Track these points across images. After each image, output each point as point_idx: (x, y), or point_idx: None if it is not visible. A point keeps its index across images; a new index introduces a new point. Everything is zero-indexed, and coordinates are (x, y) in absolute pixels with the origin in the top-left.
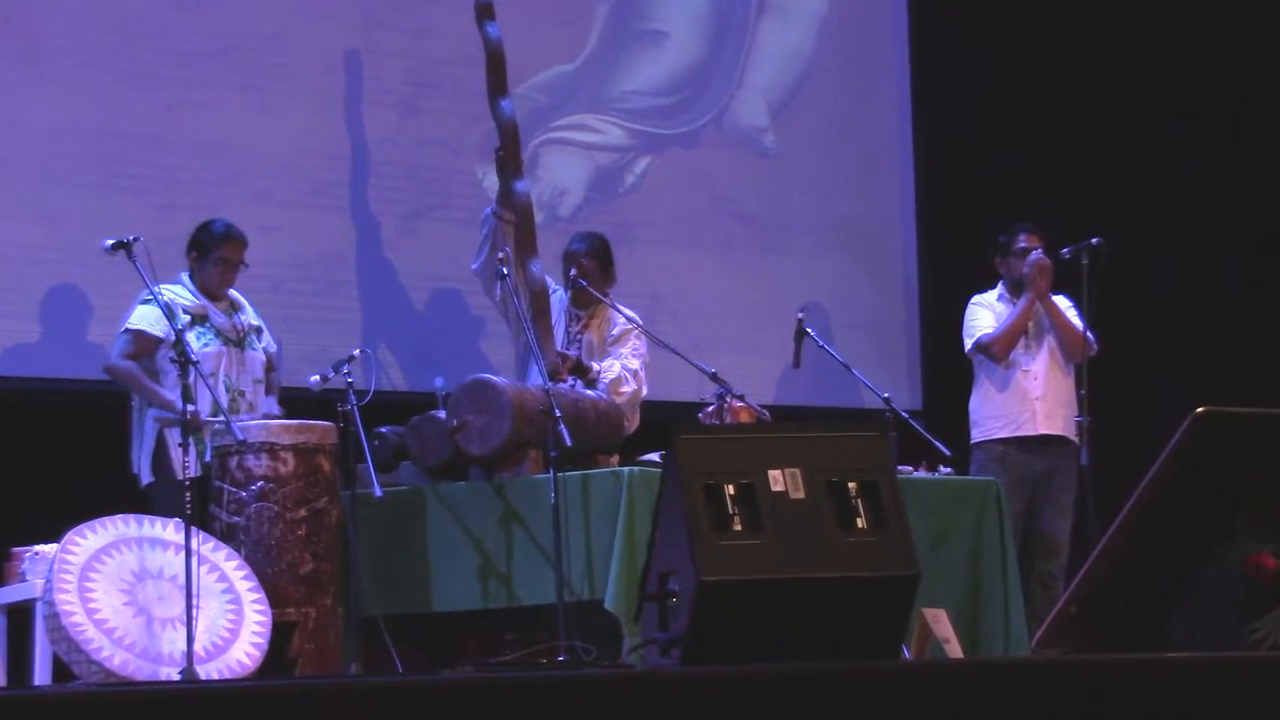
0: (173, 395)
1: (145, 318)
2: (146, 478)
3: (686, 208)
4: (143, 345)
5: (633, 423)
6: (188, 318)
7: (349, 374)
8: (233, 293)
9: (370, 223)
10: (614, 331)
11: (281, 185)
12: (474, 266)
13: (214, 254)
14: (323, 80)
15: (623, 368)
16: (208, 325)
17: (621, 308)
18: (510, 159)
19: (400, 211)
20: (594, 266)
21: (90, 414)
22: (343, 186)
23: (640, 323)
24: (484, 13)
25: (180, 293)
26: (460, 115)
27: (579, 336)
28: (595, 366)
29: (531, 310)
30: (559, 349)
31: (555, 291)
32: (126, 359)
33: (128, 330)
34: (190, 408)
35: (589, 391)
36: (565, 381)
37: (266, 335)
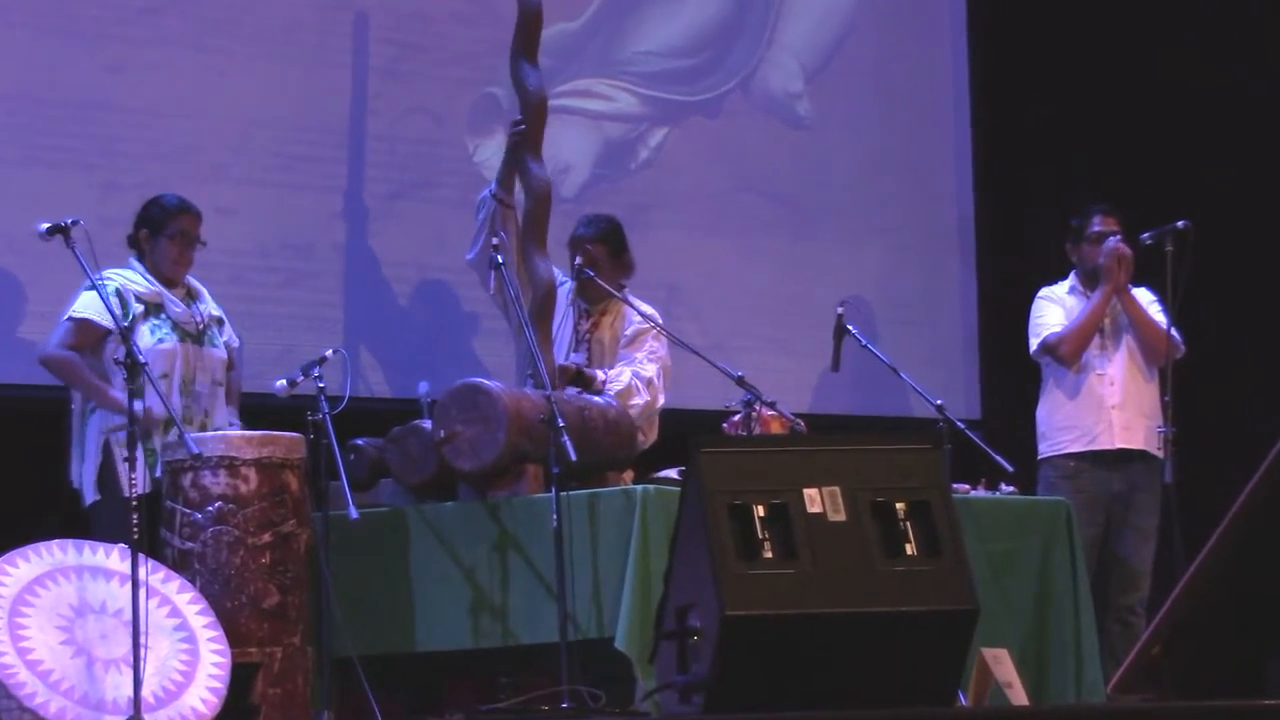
0: (121, 394)
1: (92, 305)
2: (90, 495)
3: (709, 186)
4: (87, 337)
5: (649, 436)
6: (140, 307)
7: (320, 378)
8: (190, 279)
9: (345, 204)
10: (627, 332)
11: (241, 160)
12: (469, 257)
13: (169, 228)
14: (289, 39)
15: (634, 375)
16: (163, 317)
17: (637, 303)
18: (533, 138)
19: (379, 191)
20: (603, 254)
21: (23, 422)
22: (312, 162)
23: (659, 321)
24: None
25: (133, 277)
26: (448, 81)
27: (588, 337)
28: (600, 375)
29: (534, 310)
30: (565, 353)
31: (564, 284)
32: (67, 349)
33: (71, 318)
34: (140, 404)
35: (597, 398)
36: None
37: (228, 328)
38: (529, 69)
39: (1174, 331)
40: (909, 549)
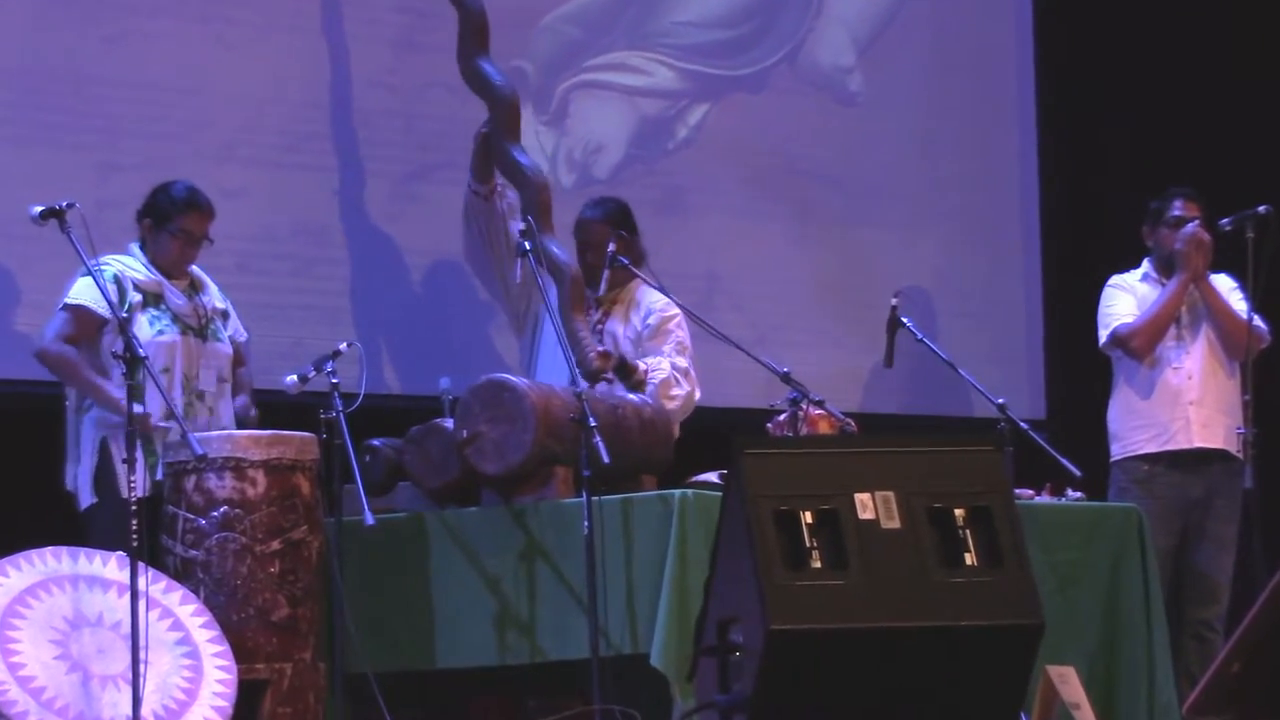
0: (121, 393)
1: (88, 291)
2: (86, 499)
3: (752, 167)
4: (85, 326)
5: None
6: (139, 296)
7: (334, 373)
8: (194, 269)
9: (359, 186)
10: (649, 320)
11: (248, 139)
12: (463, 250)
13: (172, 225)
14: (299, 8)
15: (672, 367)
16: (163, 308)
17: (654, 287)
18: (512, 132)
19: (396, 172)
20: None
21: (15, 420)
22: (324, 141)
23: (679, 304)
24: None
25: (131, 264)
26: None
27: (599, 327)
28: (641, 366)
29: (564, 300)
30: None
31: None
32: (64, 342)
33: (67, 306)
34: (138, 408)
35: (630, 395)
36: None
37: (234, 321)
38: (489, 66)
39: (1258, 320)
40: (968, 559)
